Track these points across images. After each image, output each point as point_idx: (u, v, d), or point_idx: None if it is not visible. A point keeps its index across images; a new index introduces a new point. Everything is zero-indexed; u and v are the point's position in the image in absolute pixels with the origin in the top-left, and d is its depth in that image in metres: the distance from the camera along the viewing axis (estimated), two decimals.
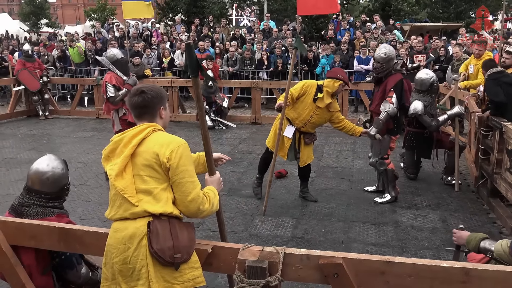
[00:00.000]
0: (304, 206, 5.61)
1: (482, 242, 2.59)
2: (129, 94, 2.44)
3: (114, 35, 15.19)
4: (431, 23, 21.89)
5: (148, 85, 2.49)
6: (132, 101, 2.42)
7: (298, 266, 2.22)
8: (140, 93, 2.41)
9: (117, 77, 6.38)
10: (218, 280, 3.87)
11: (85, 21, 39.42)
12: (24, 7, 52.61)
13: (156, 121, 2.46)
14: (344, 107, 10.04)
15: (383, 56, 5.41)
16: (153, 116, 2.45)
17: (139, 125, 2.40)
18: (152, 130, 2.37)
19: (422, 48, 11.78)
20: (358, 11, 31.27)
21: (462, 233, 2.75)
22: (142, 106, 2.41)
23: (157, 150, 2.29)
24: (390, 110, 5.35)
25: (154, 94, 2.43)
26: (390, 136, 5.60)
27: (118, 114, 6.40)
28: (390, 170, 5.66)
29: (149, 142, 2.33)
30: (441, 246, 4.53)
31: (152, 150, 2.30)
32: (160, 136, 2.38)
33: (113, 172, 2.30)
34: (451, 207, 5.59)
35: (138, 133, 2.36)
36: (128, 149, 2.31)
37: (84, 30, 23.29)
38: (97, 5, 42.90)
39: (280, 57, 12.58)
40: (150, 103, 2.42)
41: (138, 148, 2.33)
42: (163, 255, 2.23)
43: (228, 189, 6.16)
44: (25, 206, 2.87)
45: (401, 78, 5.42)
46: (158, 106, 2.46)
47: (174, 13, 24.02)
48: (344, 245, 4.62)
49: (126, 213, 2.31)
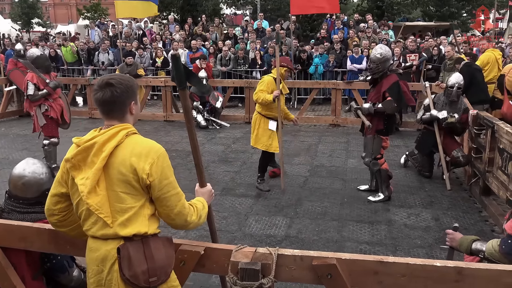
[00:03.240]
0: (298, 206, 5.61)
1: (473, 243, 2.61)
2: (95, 86, 2.11)
3: (108, 34, 15.11)
4: (423, 22, 21.96)
5: (116, 76, 2.15)
6: (99, 96, 2.08)
7: (292, 267, 2.21)
8: (108, 86, 2.07)
9: (38, 77, 6.66)
10: (212, 280, 3.86)
11: (77, 20, 39.19)
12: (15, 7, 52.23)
13: (126, 118, 2.16)
14: (337, 106, 10.05)
15: (379, 56, 5.39)
16: (123, 113, 2.14)
17: (110, 129, 2.08)
18: (126, 134, 2.08)
19: (415, 47, 11.82)
20: (351, 9, 31.35)
21: (455, 235, 2.76)
22: (111, 102, 2.09)
23: (135, 163, 2.02)
24: (389, 107, 5.40)
25: (124, 88, 2.10)
26: (381, 137, 5.62)
27: (40, 109, 6.72)
28: (383, 170, 5.68)
29: (124, 151, 2.05)
30: (434, 245, 4.55)
31: (128, 163, 2.03)
32: (135, 142, 2.09)
33: (85, 189, 2.01)
34: (444, 205, 5.62)
35: (109, 139, 2.05)
36: (100, 160, 2.02)
37: (76, 30, 23.19)
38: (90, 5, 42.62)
39: (273, 56, 12.56)
40: (120, 98, 2.10)
41: (111, 158, 2.04)
42: (137, 281, 2.04)
43: (221, 188, 6.15)
44: (4, 212, 2.77)
45: (396, 80, 5.40)
46: (129, 102, 2.15)
47: (168, 12, 23.94)
48: (337, 244, 4.63)
49: (98, 233, 2.08)
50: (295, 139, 8.98)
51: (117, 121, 2.13)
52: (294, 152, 8.01)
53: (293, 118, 6.46)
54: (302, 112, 10.51)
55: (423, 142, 6.67)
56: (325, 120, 10.36)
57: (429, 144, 6.47)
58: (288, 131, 9.75)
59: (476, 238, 2.67)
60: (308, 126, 10.22)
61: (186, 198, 2.20)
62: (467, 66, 7.61)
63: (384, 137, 5.62)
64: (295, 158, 7.61)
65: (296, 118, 6.58)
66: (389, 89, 5.37)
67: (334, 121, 10.07)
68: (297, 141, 8.81)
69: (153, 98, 13.36)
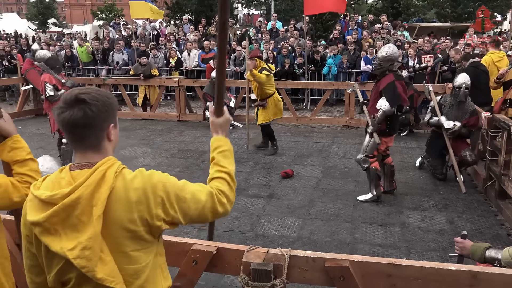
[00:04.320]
0: (311, 207, 5.59)
1: (487, 251, 2.51)
2: (60, 103, 1.56)
3: (122, 34, 15.25)
4: (438, 23, 21.76)
5: (90, 90, 1.59)
6: (66, 116, 1.52)
7: (304, 268, 2.20)
8: (79, 104, 1.53)
9: (55, 78, 6.71)
10: (224, 280, 3.87)
11: (92, 21, 39.62)
12: (31, 8, 53.03)
13: (104, 147, 1.63)
14: (351, 107, 10.00)
15: (384, 55, 5.47)
16: (99, 140, 1.61)
17: (94, 173, 1.54)
18: (115, 174, 1.56)
19: (430, 48, 11.71)
20: (365, 10, 31.18)
21: (465, 243, 2.65)
22: (83, 125, 1.54)
23: (144, 213, 1.56)
24: (386, 108, 5.39)
25: (100, 106, 1.56)
26: (381, 138, 5.62)
27: None
28: (372, 169, 5.67)
29: (120, 199, 1.54)
30: (448, 248, 4.49)
31: (135, 215, 1.55)
32: (129, 183, 1.58)
33: (90, 263, 1.48)
34: (459, 208, 5.55)
35: (97, 187, 1.52)
36: (96, 220, 1.49)
37: (92, 30, 23.43)
38: (105, 5, 43.09)
39: (287, 57, 12.56)
40: (96, 120, 1.56)
41: (106, 212, 1.52)
42: None
43: None
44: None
45: (392, 80, 5.40)
46: (107, 124, 1.61)
47: (182, 13, 24.08)
48: (350, 246, 4.60)
49: None
50: (308, 140, 8.95)
51: (91, 152, 1.60)
52: (307, 153, 7.99)
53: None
54: (315, 113, 10.48)
55: (432, 145, 6.63)
56: (338, 121, 10.31)
57: (439, 146, 6.44)
58: (301, 131, 9.74)
59: (488, 245, 2.57)
60: (321, 127, 10.19)
61: None
62: (473, 66, 7.46)
63: (385, 139, 5.63)
64: (308, 159, 7.59)
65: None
66: (384, 89, 5.43)
67: (347, 122, 10.02)
68: (310, 142, 8.79)
69: (166, 98, 13.44)
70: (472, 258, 2.60)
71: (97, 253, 1.50)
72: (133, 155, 7.83)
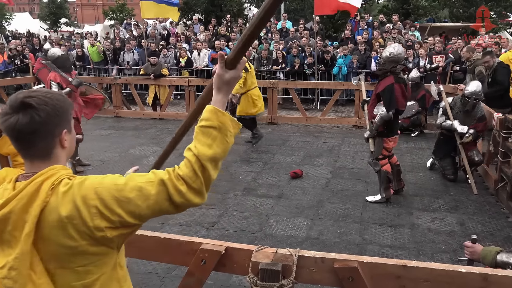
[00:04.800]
0: (320, 207, 5.58)
1: (498, 255, 2.47)
2: (5, 108, 1.42)
3: (132, 34, 15.34)
4: (450, 23, 21.57)
5: (38, 93, 1.42)
6: (12, 122, 1.38)
7: (313, 269, 2.20)
8: (25, 108, 1.38)
9: (61, 76, 6.72)
10: (233, 279, 3.87)
11: (103, 21, 39.90)
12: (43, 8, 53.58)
13: (55, 155, 1.47)
14: (361, 107, 9.93)
15: (388, 55, 5.40)
16: (49, 148, 1.45)
17: (27, 185, 1.38)
18: (51, 187, 1.38)
19: (442, 48, 11.62)
20: (376, 10, 31.00)
21: (475, 247, 2.60)
22: (30, 132, 1.39)
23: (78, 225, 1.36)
24: (383, 113, 5.37)
25: (50, 110, 1.41)
26: (382, 138, 5.58)
27: None
28: (384, 172, 5.64)
29: (51, 213, 1.37)
30: (458, 250, 4.45)
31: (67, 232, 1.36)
32: (62, 196, 1.38)
33: (13, 283, 1.35)
34: (469, 210, 5.50)
35: (31, 199, 1.36)
36: (23, 238, 1.34)
37: (103, 30, 23.59)
38: (116, 5, 43.36)
39: (296, 57, 12.53)
40: (45, 125, 1.41)
41: (40, 227, 1.36)
42: None
43: (243, 188, 6.16)
44: None
45: (391, 82, 5.33)
46: (59, 130, 1.45)
47: (192, 13, 24.15)
48: (359, 246, 4.58)
49: None
50: (317, 140, 8.93)
51: (39, 161, 1.45)
52: (316, 153, 7.97)
53: None
54: (325, 113, 10.46)
55: (440, 147, 6.59)
56: (348, 122, 10.28)
57: (447, 148, 6.42)
58: (311, 132, 9.72)
59: (499, 249, 2.52)
60: (331, 127, 10.16)
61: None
62: (503, 67, 7.30)
63: (386, 138, 5.58)
64: (317, 159, 7.58)
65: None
66: (383, 91, 5.39)
67: (357, 122, 9.97)
68: (319, 142, 8.76)
69: (176, 98, 13.49)
70: (483, 263, 2.56)
71: (24, 275, 1.35)
72: (142, 154, 7.87)
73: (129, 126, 10.18)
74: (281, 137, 9.17)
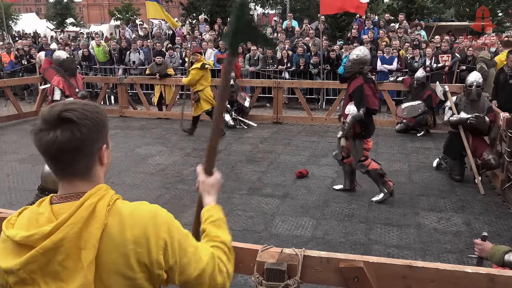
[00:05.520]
0: (325, 207, 5.57)
1: (506, 255, 2.47)
2: (38, 123, 1.25)
3: (138, 34, 15.38)
4: (456, 22, 21.47)
5: (76, 106, 1.28)
6: (51, 139, 1.22)
7: (318, 269, 2.19)
8: (65, 123, 1.23)
9: (65, 82, 6.65)
10: (238, 278, 3.87)
11: (109, 21, 40.05)
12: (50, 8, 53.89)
13: (95, 172, 1.34)
14: None
15: (355, 57, 5.53)
16: (90, 165, 1.32)
17: (81, 206, 1.24)
18: (107, 208, 1.27)
19: (448, 48, 11.56)
20: (381, 9, 30.92)
21: (485, 245, 2.61)
22: (72, 150, 1.25)
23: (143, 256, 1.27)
24: (354, 113, 5.41)
25: (92, 125, 1.27)
26: (361, 140, 5.61)
27: None
28: (372, 170, 5.65)
29: (112, 236, 1.25)
30: (465, 250, 4.44)
31: (132, 260, 1.26)
32: (127, 217, 1.29)
33: None
34: (476, 210, 5.47)
35: (86, 223, 1.23)
36: (87, 266, 1.21)
37: (109, 30, 23.69)
38: (122, 5, 43.53)
39: (302, 56, 12.52)
40: (87, 142, 1.27)
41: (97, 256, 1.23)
42: None
43: (248, 188, 6.16)
44: None
45: (361, 83, 5.43)
46: (99, 146, 1.32)
47: (198, 13, 24.19)
48: (365, 246, 4.57)
49: None
50: (322, 140, 8.92)
51: (79, 180, 1.31)
52: (322, 153, 7.96)
53: None
54: (330, 113, 10.44)
55: (451, 145, 6.54)
56: None
57: (458, 147, 6.35)
58: (316, 131, 9.71)
59: (508, 248, 2.52)
60: (337, 127, 10.10)
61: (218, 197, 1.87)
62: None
63: (365, 140, 5.62)
64: (323, 159, 7.56)
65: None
66: (353, 92, 5.48)
67: None
68: (325, 142, 8.75)
69: (181, 97, 13.51)
70: (491, 261, 2.56)
71: None
72: (148, 154, 7.89)
73: (134, 126, 10.22)
74: (287, 137, 9.17)
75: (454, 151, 6.43)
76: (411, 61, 11.43)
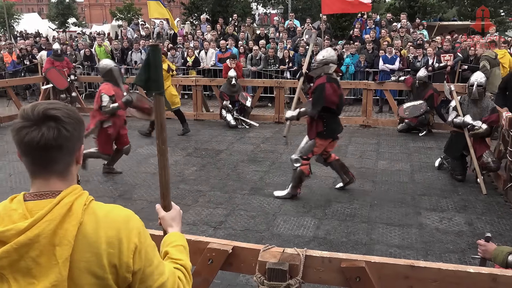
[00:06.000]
0: (327, 207, 5.56)
1: (510, 256, 2.44)
2: (20, 121, 1.30)
3: (140, 34, 15.38)
4: (458, 22, 21.43)
5: (59, 105, 1.31)
6: (34, 136, 1.25)
7: (320, 269, 2.19)
8: (50, 121, 1.26)
9: (115, 88, 6.37)
10: (240, 278, 3.87)
11: (111, 21, 40.11)
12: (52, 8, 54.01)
13: (71, 173, 1.35)
14: (368, 107, 9.92)
15: (321, 58, 5.59)
16: (67, 164, 1.33)
17: (58, 203, 1.25)
18: (84, 207, 1.29)
19: (450, 47, 11.54)
20: (383, 9, 30.88)
21: (488, 246, 2.59)
22: (55, 148, 1.27)
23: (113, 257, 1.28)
24: (309, 110, 5.55)
25: (75, 123, 1.31)
26: (317, 139, 5.63)
27: (102, 125, 6.43)
28: (300, 171, 5.69)
29: (87, 235, 1.26)
30: (467, 250, 4.43)
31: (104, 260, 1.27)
32: (101, 218, 1.31)
33: None
34: (478, 210, 5.46)
35: (62, 220, 1.23)
36: (62, 263, 1.21)
37: (110, 30, 23.71)
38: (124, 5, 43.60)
39: (304, 56, 12.50)
40: (69, 141, 1.30)
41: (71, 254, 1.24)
42: None
43: (250, 188, 6.16)
44: None
45: (323, 82, 5.46)
46: (79, 145, 1.36)
47: (200, 13, 24.22)
48: (367, 246, 4.56)
49: None
50: None
51: (56, 178, 1.32)
52: None
53: None
54: None
55: (453, 145, 6.53)
56: (356, 121, 10.24)
57: (459, 147, 6.35)
58: None
59: (511, 249, 2.51)
60: None
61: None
62: None
63: (320, 141, 5.65)
64: None
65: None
66: (314, 90, 5.54)
67: (364, 122, 9.95)
68: None
69: (183, 97, 13.52)
70: (494, 262, 2.55)
71: None
72: (150, 153, 7.90)
73: (136, 126, 10.22)
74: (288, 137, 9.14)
75: (455, 151, 6.43)
76: (414, 61, 11.42)
